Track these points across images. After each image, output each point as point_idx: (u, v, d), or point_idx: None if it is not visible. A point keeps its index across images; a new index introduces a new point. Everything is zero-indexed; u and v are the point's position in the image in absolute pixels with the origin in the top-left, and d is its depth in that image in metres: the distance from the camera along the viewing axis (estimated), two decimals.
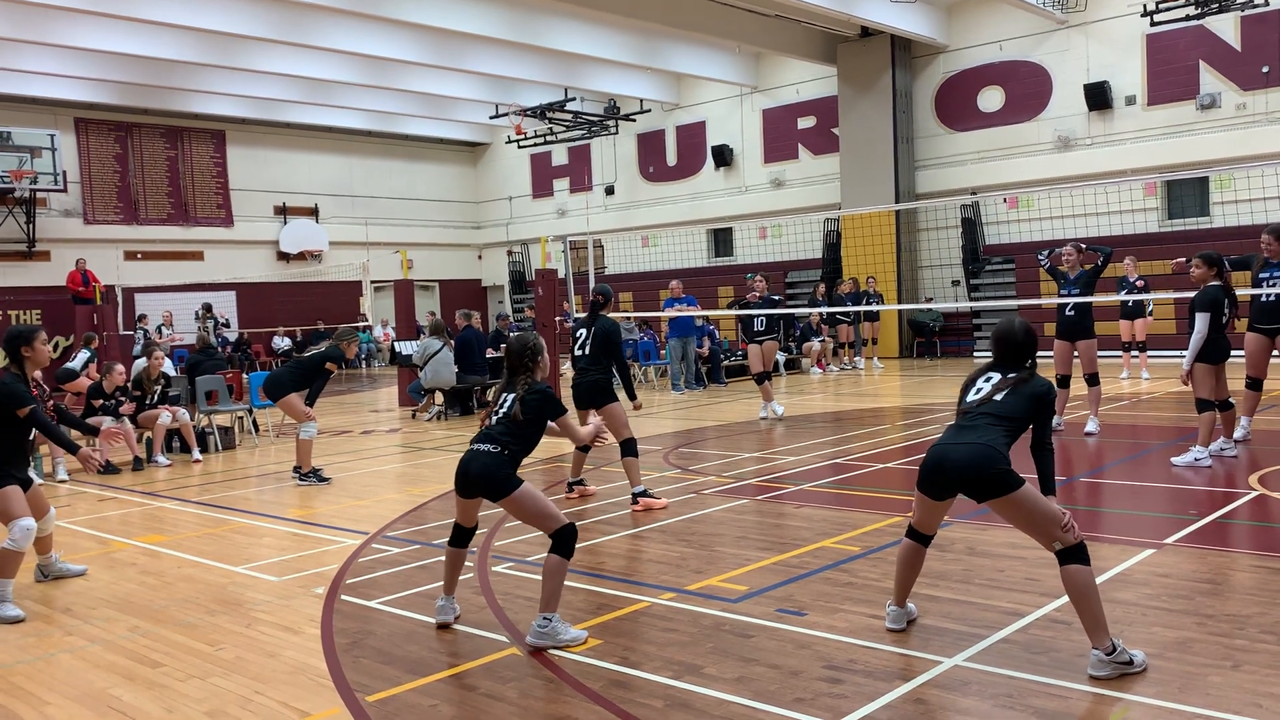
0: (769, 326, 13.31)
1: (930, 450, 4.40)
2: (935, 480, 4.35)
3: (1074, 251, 10.42)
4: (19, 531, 5.66)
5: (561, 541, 4.73)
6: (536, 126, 27.35)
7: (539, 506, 4.82)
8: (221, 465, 11.35)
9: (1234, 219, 18.64)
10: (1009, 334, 4.52)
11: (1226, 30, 18.95)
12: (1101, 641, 4.02)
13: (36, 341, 6.09)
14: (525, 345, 5.08)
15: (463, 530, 5.15)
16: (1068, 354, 10.52)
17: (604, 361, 8.12)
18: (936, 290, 22.76)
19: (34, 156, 23.67)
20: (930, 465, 4.36)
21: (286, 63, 22.74)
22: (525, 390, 4.98)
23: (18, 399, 5.86)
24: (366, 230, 30.01)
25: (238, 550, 7.04)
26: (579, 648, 4.63)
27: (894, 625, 4.68)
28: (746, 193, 26.52)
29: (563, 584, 4.77)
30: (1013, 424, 4.31)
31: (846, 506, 7.49)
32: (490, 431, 4.95)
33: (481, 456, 4.85)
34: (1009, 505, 4.18)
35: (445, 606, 5.13)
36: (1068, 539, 4.11)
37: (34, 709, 4.28)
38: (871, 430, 11.63)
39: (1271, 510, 6.90)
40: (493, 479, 4.78)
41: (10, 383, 5.90)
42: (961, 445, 4.26)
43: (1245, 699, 3.77)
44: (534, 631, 4.69)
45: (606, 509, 7.79)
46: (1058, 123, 21.09)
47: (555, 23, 21.20)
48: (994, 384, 4.45)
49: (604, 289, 8.41)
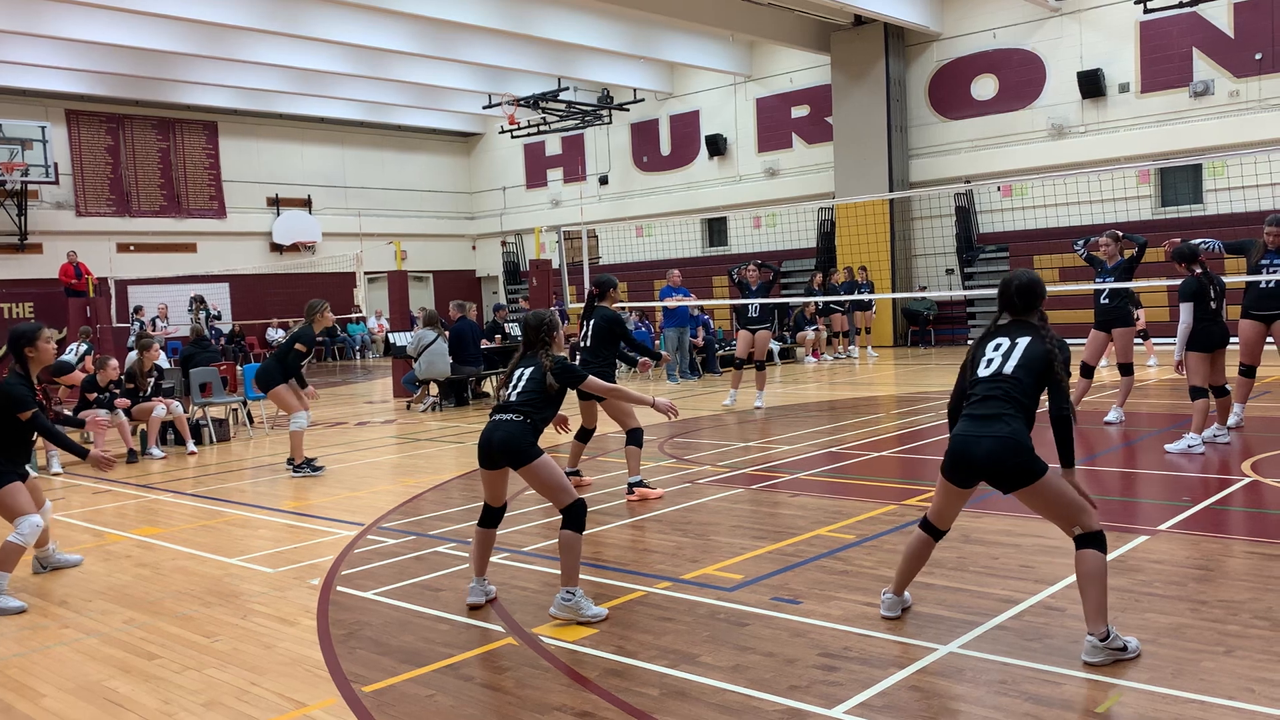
0: (763, 315, 13.06)
1: (953, 441, 4.32)
2: (959, 470, 4.31)
3: (1111, 240, 10.35)
4: (28, 528, 5.69)
5: (572, 517, 4.89)
6: (530, 116, 27.28)
7: (556, 479, 4.94)
8: (216, 457, 11.33)
9: (1227, 206, 18.66)
10: (1005, 286, 4.45)
11: (1220, 17, 18.95)
12: (1098, 627, 4.03)
13: (40, 340, 6.01)
14: (543, 320, 5.27)
15: (491, 510, 5.21)
16: (1102, 344, 10.36)
17: (604, 353, 8.11)
18: (930, 279, 22.77)
19: (25, 149, 23.57)
20: (955, 457, 4.31)
21: (279, 53, 22.65)
22: (553, 361, 5.15)
23: (20, 403, 5.82)
24: (360, 221, 29.94)
25: (233, 542, 7.03)
26: (575, 637, 4.63)
27: (889, 613, 4.69)
28: (740, 182, 26.49)
29: (579, 558, 4.90)
30: (1028, 401, 4.24)
31: (841, 495, 7.50)
32: (512, 402, 5.07)
33: (505, 425, 4.98)
34: (1034, 494, 4.16)
35: (476, 588, 5.20)
36: (1090, 524, 4.12)
37: (30, 701, 4.27)
38: (866, 419, 11.64)
39: (1264, 496, 6.92)
40: (517, 447, 4.92)
41: (13, 385, 5.85)
42: (986, 439, 4.18)
43: (1238, 684, 3.79)
44: (558, 604, 4.85)
45: (602, 499, 7.80)
46: (1051, 111, 21.08)
47: (548, 12, 21.14)
48: (1003, 352, 4.32)
49: (602, 279, 8.39)
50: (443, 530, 7.00)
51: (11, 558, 5.67)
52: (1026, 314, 4.40)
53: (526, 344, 5.29)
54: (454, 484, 8.83)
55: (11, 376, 5.92)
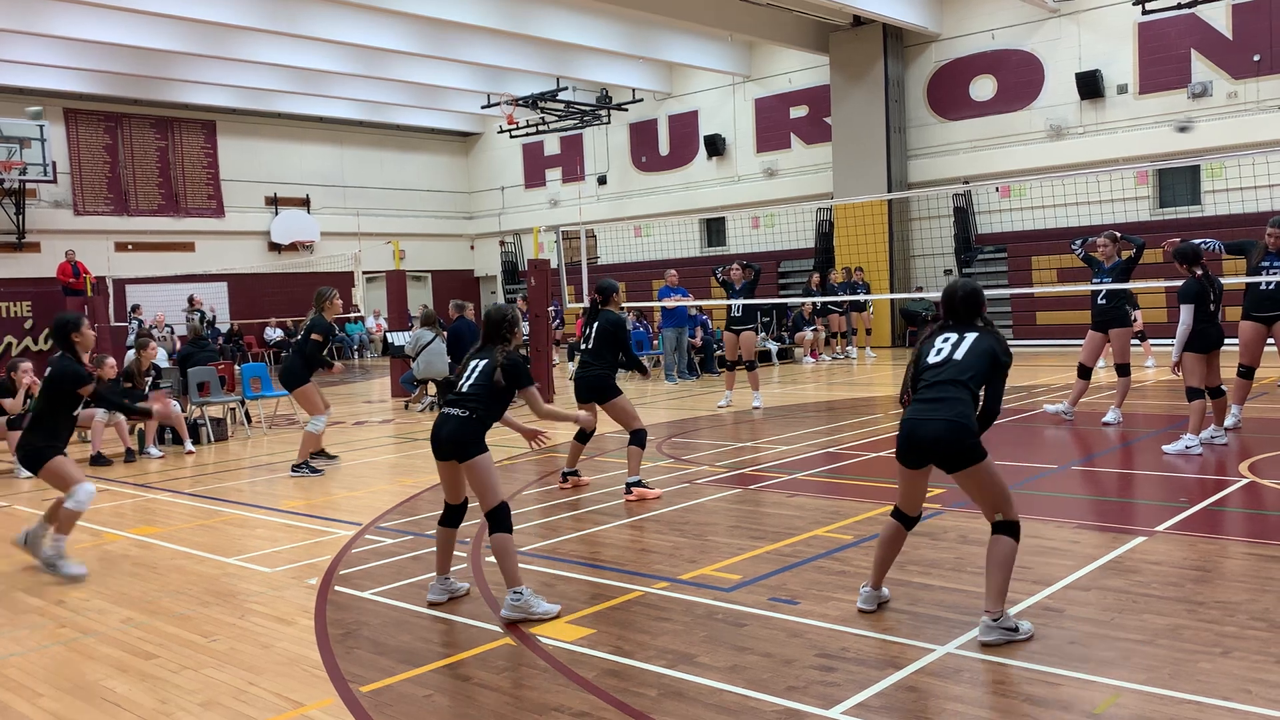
0: (747, 315, 12.97)
1: (903, 423, 4.57)
2: (911, 452, 4.52)
3: (1109, 241, 10.35)
4: (83, 494, 6.39)
5: (497, 520, 4.98)
6: (528, 116, 27.25)
7: (488, 480, 5.03)
8: (214, 457, 11.33)
9: (1225, 207, 18.66)
10: (950, 295, 4.70)
11: (1218, 19, 18.96)
12: (995, 606, 4.30)
13: (84, 327, 6.67)
14: (505, 315, 5.35)
15: (452, 509, 5.29)
16: (1099, 345, 10.36)
17: (607, 356, 8.14)
18: (929, 279, 22.78)
19: (23, 147, 23.51)
20: (904, 438, 4.55)
21: (277, 52, 22.62)
22: (505, 358, 5.19)
23: (80, 379, 6.48)
24: (358, 221, 29.90)
25: (231, 542, 7.03)
26: (573, 638, 4.64)
27: (865, 606, 4.78)
28: (739, 182, 26.48)
29: (516, 558, 5.00)
30: (974, 388, 4.45)
31: (839, 495, 7.50)
32: (463, 394, 5.16)
33: (452, 420, 5.09)
34: (971, 476, 4.39)
35: (436, 587, 5.28)
36: (1011, 514, 4.39)
37: (27, 701, 4.27)
38: (863, 419, 11.65)
39: (1262, 498, 6.93)
40: (461, 441, 5.03)
41: (70, 364, 6.50)
42: (934, 420, 4.41)
43: (1235, 685, 3.79)
44: (507, 605, 4.88)
45: (600, 499, 7.80)
46: (1050, 111, 21.08)
47: (547, 12, 21.12)
48: (952, 344, 4.57)
49: (605, 285, 8.40)
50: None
51: (70, 522, 6.39)
52: (969, 319, 4.65)
53: (486, 337, 5.36)
54: None
55: (65, 359, 6.54)
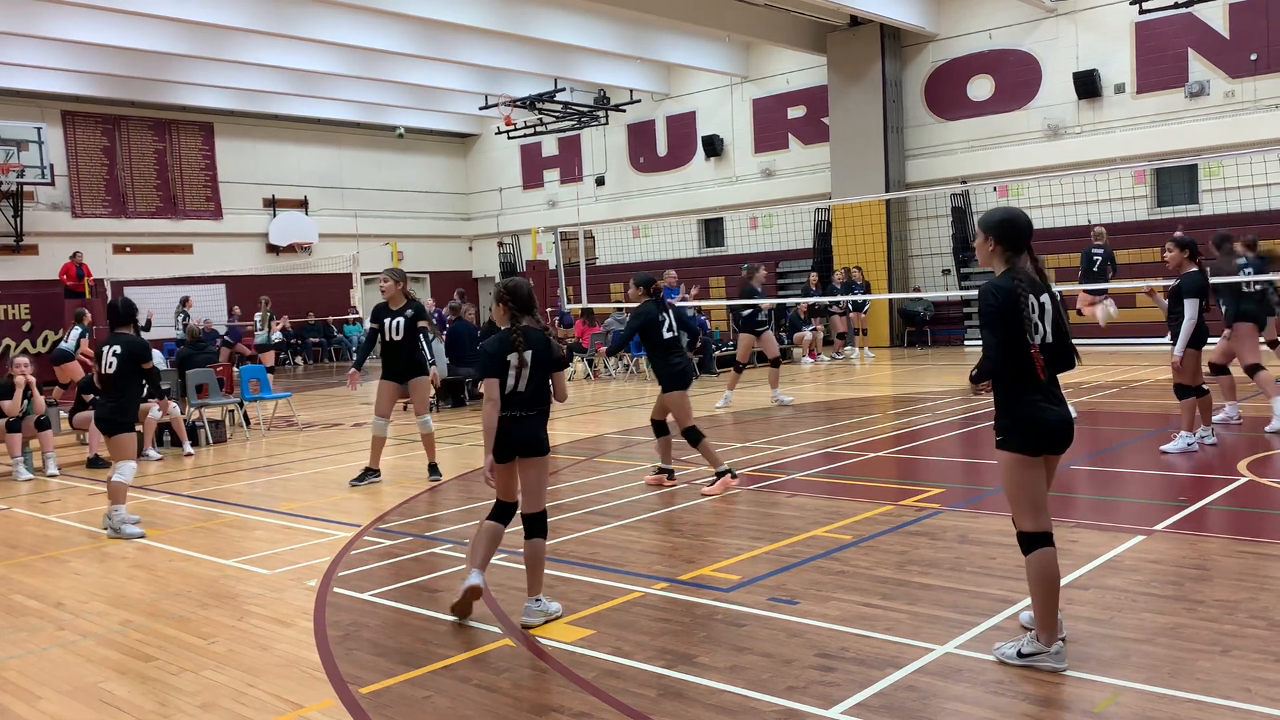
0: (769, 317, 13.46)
1: (1049, 414, 4.07)
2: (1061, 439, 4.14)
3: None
4: (128, 470, 7.35)
5: (542, 524, 5.05)
6: (526, 117, 27.25)
7: (546, 480, 5.15)
8: (212, 459, 11.32)
9: (1223, 206, 18.67)
10: (1011, 222, 4.46)
11: (1215, 18, 18.97)
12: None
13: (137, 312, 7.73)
14: (530, 286, 5.24)
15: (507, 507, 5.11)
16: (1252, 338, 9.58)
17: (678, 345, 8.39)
18: (927, 279, 22.78)
19: (21, 150, 23.51)
20: (1060, 426, 4.11)
21: (275, 54, 22.61)
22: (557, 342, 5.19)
23: (148, 353, 7.50)
24: (356, 222, 29.88)
25: (229, 544, 7.03)
26: (573, 638, 4.64)
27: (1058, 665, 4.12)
28: (737, 183, 26.49)
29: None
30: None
31: (838, 495, 7.50)
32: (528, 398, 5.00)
33: (529, 421, 5.03)
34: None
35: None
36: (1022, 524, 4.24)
37: (26, 704, 4.27)
38: (862, 419, 11.65)
39: (1261, 496, 6.93)
40: (543, 439, 5.08)
41: (143, 340, 7.52)
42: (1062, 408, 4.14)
43: (1235, 684, 3.79)
44: (534, 611, 4.90)
45: (599, 499, 7.80)
46: (1047, 111, 21.09)
47: (544, 13, 21.13)
48: (1039, 316, 4.12)
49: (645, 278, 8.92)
50: (439, 531, 7.00)
51: (122, 492, 7.29)
52: (1032, 254, 4.33)
53: (524, 311, 5.04)
54: (451, 485, 8.82)
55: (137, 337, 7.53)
